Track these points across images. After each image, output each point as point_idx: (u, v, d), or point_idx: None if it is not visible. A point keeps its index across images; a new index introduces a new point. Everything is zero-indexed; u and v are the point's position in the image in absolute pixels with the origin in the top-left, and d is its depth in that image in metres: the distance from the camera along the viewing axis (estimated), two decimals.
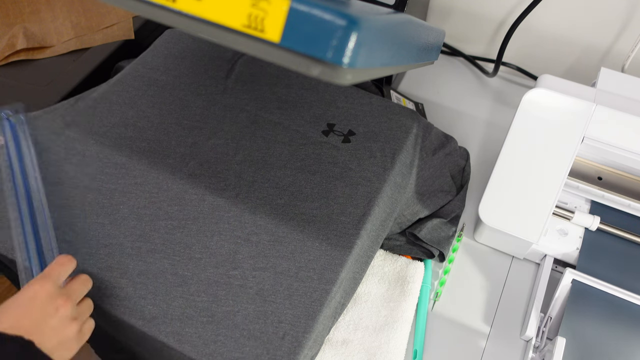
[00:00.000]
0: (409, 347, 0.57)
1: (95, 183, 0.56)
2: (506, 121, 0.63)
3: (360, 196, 0.56)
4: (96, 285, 0.50)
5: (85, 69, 0.72)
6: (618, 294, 0.54)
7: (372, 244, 0.56)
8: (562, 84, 0.62)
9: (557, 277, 0.60)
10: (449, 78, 0.84)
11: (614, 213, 0.61)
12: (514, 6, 0.76)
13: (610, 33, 0.72)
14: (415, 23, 0.46)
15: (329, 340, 0.55)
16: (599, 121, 0.58)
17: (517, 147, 0.59)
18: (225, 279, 0.50)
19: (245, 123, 0.62)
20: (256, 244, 0.52)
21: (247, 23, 0.32)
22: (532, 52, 0.80)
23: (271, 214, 0.54)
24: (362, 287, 0.59)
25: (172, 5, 0.35)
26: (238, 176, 0.57)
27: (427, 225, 0.61)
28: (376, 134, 0.61)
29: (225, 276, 0.50)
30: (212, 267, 0.51)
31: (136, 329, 0.48)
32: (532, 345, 0.55)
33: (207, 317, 0.48)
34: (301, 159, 0.59)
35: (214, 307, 0.49)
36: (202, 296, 0.49)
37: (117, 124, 0.62)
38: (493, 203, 0.58)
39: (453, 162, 0.67)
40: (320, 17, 0.31)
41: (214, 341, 0.47)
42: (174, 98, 0.64)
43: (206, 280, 0.50)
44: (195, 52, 0.69)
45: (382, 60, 0.37)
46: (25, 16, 0.79)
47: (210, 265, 0.51)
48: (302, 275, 0.50)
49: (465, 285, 0.62)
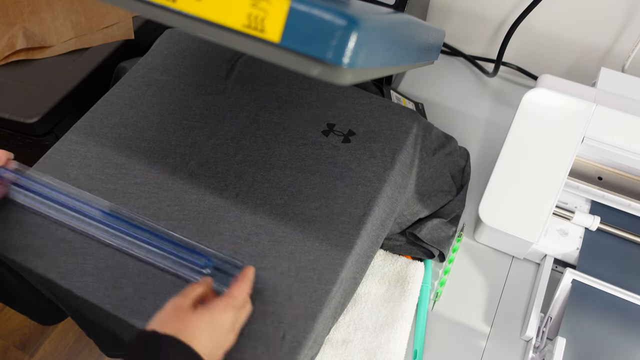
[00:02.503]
0: (409, 347, 0.57)
1: (96, 183, 0.56)
2: (506, 121, 0.63)
3: (360, 196, 0.56)
4: (96, 285, 0.50)
5: (85, 69, 0.72)
6: (618, 294, 0.54)
7: (372, 244, 0.56)
8: (562, 84, 0.62)
9: (557, 277, 0.60)
10: (449, 78, 0.84)
11: (614, 213, 0.61)
12: (514, 6, 0.76)
13: (610, 33, 0.72)
14: (415, 23, 0.46)
15: (329, 340, 0.55)
16: (599, 121, 0.58)
17: (517, 147, 0.59)
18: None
19: (245, 123, 0.62)
20: (256, 244, 0.52)
21: (247, 23, 0.32)
22: (532, 52, 0.80)
23: (271, 214, 0.54)
24: (362, 287, 0.59)
25: (172, 5, 0.35)
26: (238, 176, 0.57)
27: (427, 225, 0.61)
28: (376, 134, 0.61)
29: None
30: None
31: (136, 329, 0.48)
32: (532, 345, 0.55)
33: None
34: (301, 159, 0.59)
35: None
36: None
37: (117, 124, 0.62)
38: (493, 203, 0.58)
39: (453, 162, 0.67)
40: (320, 17, 0.31)
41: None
42: (174, 98, 0.64)
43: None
44: (195, 52, 0.69)
45: (382, 60, 0.37)
46: (25, 16, 0.79)
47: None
48: (302, 275, 0.50)
49: (465, 285, 0.62)
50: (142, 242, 0.51)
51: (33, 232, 0.53)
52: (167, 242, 0.50)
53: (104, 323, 0.53)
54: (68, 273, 0.51)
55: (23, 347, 1.22)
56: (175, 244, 0.50)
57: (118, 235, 0.51)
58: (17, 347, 1.22)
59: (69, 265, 0.51)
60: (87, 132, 0.61)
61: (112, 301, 0.49)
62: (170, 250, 0.50)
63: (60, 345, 1.23)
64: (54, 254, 0.52)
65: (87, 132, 0.61)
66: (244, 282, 0.46)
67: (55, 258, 0.51)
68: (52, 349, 1.22)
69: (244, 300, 0.44)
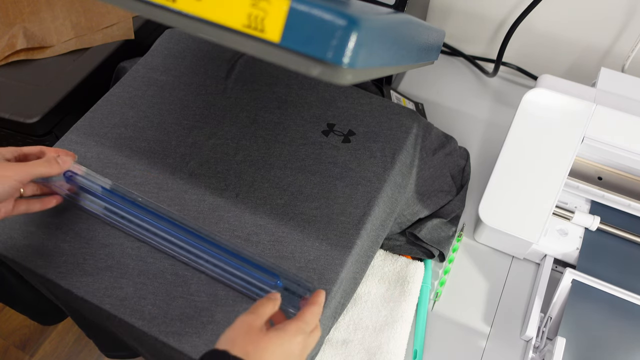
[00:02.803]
0: (409, 347, 0.57)
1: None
2: (506, 121, 0.63)
3: (360, 196, 0.56)
4: (96, 285, 0.50)
5: (85, 69, 0.72)
6: (618, 294, 0.54)
7: (372, 244, 0.56)
8: (562, 84, 0.62)
9: (557, 277, 0.60)
10: (449, 78, 0.84)
11: (614, 213, 0.61)
12: (514, 6, 0.76)
13: (610, 33, 0.72)
14: (415, 23, 0.46)
15: (329, 340, 0.55)
16: (599, 121, 0.58)
17: (517, 147, 0.59)
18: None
19: (245, 123, 0.62)
20: (256, 244, 0.52)
21: (247, 23, 0.32)
22: (532, 52, 0.80)
23: (271, 214, 0.54)
24: (362, 287, 0.59)
25: (172, 5, 0.35)
26: (238, 176, 0.57)
27: (427, 225, 0.61)
28: (376, 134, 0.61)
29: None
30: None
31: (136, 329, 0.48)
32: (532, 345, 0.55)
33: (207, 317, 0.48)
34: (301, 159, 0.59)
35: (214, 307, 0.49)
36: (202, 296, 0.49)
37: (117, 124, 0.62)
38: (493, 203, 0.58)
39: (453, 162, 0.67)
40: (320, 17, 0.31)
41: (213, 341, 0.47)
42: (174, 98, 0.64)
43: (206, 280, 0.50)
44: (195, 52, 0.69)
45: (382, 61, 0.37)
46: (25, 16, 0.79)
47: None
48: (302, 275, 0.50)
49: (465, 285, 0.62)
50: (211, 257, 0.50)
51: (33, 232, 0.53)
52: (236, 258, 0.49)
53: (103, 323, 0.53)
54: (68, 273, 0.51)
55: (23, 347, 1.22)
56: (245, 260, 0.49)
57: (190, 250, 0.50)
58: (17, 347, 1.22)
59: (69, 265, 0.51)
60: (87, 132, 0.61)
61: (112, 301, 0.49)
62: (239, 266, 0.49)
63: (60, 345, 1.23)
64: (54, 254, 0.52)
65: (87, 132, 0.61)
66: (316, 305, 0.43)
67: (55, 258, 0.52)
68: (52, 349, 1.22)
69: (315, 325, 0.42)
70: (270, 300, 0.42)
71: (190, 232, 0.51)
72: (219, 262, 0.49)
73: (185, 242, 0.50)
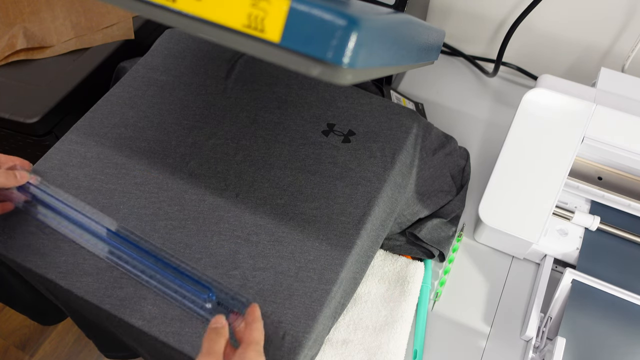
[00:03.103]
0: (409, 347, 0.57)
1: (96, 183, 0.56)
2: (506, 121, 0.63)
3: (360, 196, 0.56)
4: (96, 285, 0.50)
5: (85, 69, 0.72)
6: (618, 294, 0.54)
7: (372, 244, 0.56)
8: (562, 84, 0.62)
9: (557, 277, 0.60)
10: (449, 78, 0.84)
11: (614, 213, 0.61)
12: (514, 6, 0.76)
13: (610, 33, 0.72)
14: (415, 23, 0.46)
15: (329, 340, 0.55)
16: (599, 121, 0.58)
17: (517, 147, 0.59)
18: (225, 279, 0.50)
19: (245, 123, 0.62)
20: (256, 244, 0.52)
21: (247, 23, 0.32)
22: (532, 52, 0.80)
23: (271, 214, 0.54)
24: (362, 287, 0.59)
25: (172, 5, 0.35)
26: (238, 176, 0.57)
27: (427, 225, 0.61)
28: (376, 134, 0.61)
29: (225, 276, 0.50)
30: (212, 267, 0.51)
31: (136, 329, 0.48)
32: (532, 345, 0.55)
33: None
34: (301, 159, 0.59)
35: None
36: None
37: (117, 124, 0.62)
38: (493, 203, 0.58)
39: (453, 162, 0.67)
40: (320, 17, 0.31)
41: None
42: (174, 98, 0.64)
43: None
44: (195, 52, 0.69)
45: (382, 61, 0.37)
46: (25, 16, 0.79)
47: (210, 265, 0.51)
48: (302, 275, 0.50)
49: (465, 285, 0.62)
50: (145, 266, 0.50)
51: (33, 232, 0.53)
52: (171, 269, 0.49)
53: (103, 323, 0.53)
54: (68, 273, 0.51)
55: (23, 347, 1.22)
56: (179, 271, 0.49)
57: (122, 256, 0.50)
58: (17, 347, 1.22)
59: (69, 265, 0.51)
60: (87, 132, 0.61)
61: (112, 301, 0.49)
62: (173, 277, 0.49)
63: (60, 345, 1.23)
64: (54, 254, 0.52)
65: (87, 132, 0.61)
66: (257, 322, 0.44)
67: (55, 258, 0.52)
68: (52, 349, 1.22)
69: (263, 341, 0.43)
70: (218, 333, 0.42)
71: (124, 238, 0.51)
72: (154, 272, 0.49)
73: (121, 250, 0.51)
